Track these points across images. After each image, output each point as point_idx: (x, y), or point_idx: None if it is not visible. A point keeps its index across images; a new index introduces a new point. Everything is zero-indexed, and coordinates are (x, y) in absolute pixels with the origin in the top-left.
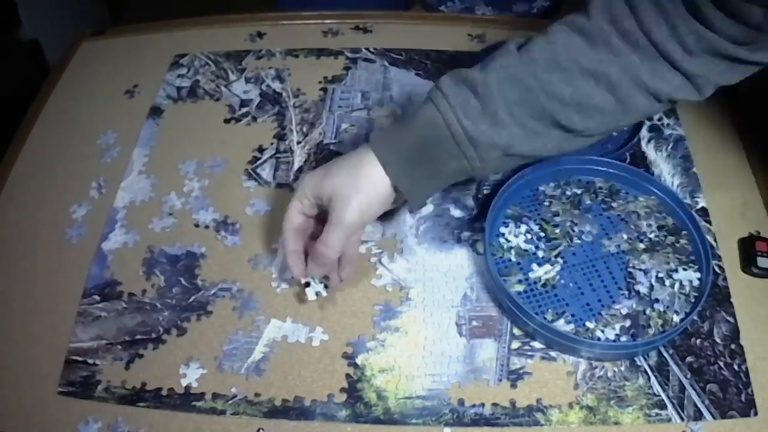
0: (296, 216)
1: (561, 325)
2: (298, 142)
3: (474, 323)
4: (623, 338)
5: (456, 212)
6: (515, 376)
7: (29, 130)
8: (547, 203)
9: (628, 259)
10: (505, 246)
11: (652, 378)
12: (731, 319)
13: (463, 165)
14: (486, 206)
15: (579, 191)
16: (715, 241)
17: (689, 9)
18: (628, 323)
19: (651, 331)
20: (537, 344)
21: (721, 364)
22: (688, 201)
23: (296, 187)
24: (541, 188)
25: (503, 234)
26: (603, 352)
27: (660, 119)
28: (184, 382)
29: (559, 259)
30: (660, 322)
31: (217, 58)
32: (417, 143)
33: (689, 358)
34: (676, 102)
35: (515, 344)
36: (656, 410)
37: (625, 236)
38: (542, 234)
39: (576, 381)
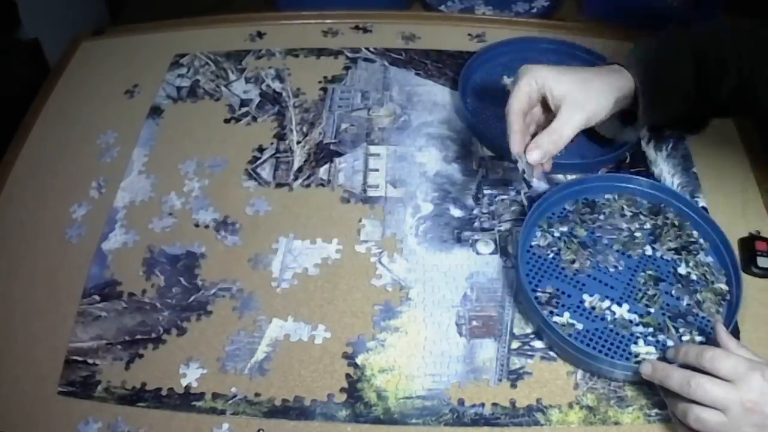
0: (524, 97)
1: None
2: (298, 142)
3: (474, 323)
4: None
5: (456, 212)
6: (515, 376)
7: (29, 130)
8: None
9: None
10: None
11: None
12: (731, 319)
13: None
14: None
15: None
16: None
17: None
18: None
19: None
20: (537, 344)
21: None
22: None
23: (522, 73)
24: (567, 207)
25: (535, 245)
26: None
27: None
28: (184, 382)
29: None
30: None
31: (217, 58)
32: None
33: None
34: None
35: (515, 344)
36: (656, 410)
37: (658, 252)
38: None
39: (576, 381)
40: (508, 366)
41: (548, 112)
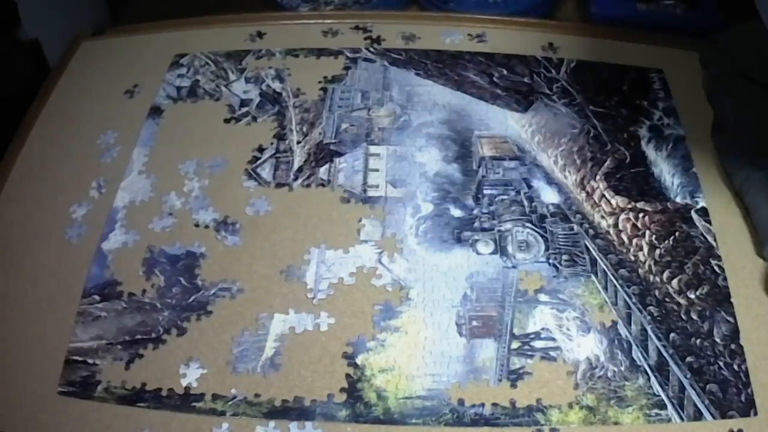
0: None
1: None
2: (298, 142)
3: (474, 323)
4: None
5: (456, 212)
6: (515, 376)
7: (29, 130)
8: None
9: None
10: None
11: (652, 378)
12: (731, 319)
13: None
14: None
15: None
16: (715, 241)
17: None
18: None
19: None
20: (537, 344)
21: (721, 364)
22: (688, 201)
23: None
24: None
25: None
26: None
27: (660, 119)
28: (183, 383)
29: None
30: None
31: (217, 58)
32: None
33: (689, 358)
34: None
35: (515, 344)
36: (656, 410)
37: None
38: None
39: (576, 381)
40: (508, 366)
41: None
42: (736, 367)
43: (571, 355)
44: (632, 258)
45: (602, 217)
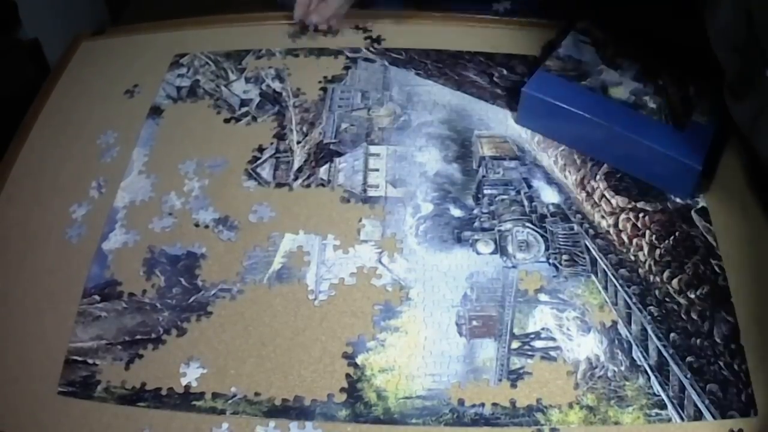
0: None
1: None
2: (298, 142)
3: (474, 323)
4: None
5: (456, 212)
6: (515, 376)
7: (29, 130)
8: None
9: None
10: None
11: (652, 378)
12: (731, 319)
13: None
14: None
15: None
16: (715, 241)
17: None
18: None
19: None
20: (537, 344)
21: (721, 364)
22: (688, 201)
23: None
24: None
25: None
26: None
27: None
28: (183, 382)
29: None
30: None
31: (217, 57)
32: None
33: (689, 358)
34: None
35: (515, 344)
36: (656, 410)
37: None
38: None
39: (576, 381)
40: (508, 366)
41: None
42: (736, 367)
43: (571, 355)
44: (632, 258)
45: (602, 216)
